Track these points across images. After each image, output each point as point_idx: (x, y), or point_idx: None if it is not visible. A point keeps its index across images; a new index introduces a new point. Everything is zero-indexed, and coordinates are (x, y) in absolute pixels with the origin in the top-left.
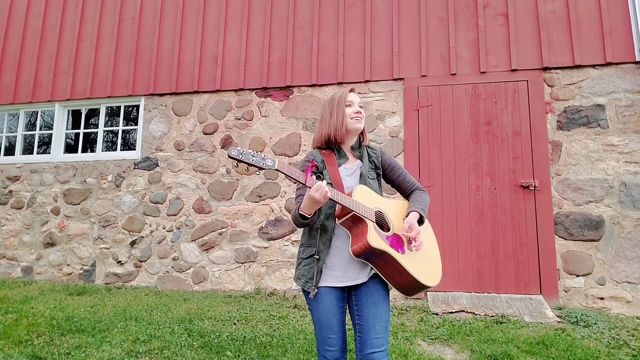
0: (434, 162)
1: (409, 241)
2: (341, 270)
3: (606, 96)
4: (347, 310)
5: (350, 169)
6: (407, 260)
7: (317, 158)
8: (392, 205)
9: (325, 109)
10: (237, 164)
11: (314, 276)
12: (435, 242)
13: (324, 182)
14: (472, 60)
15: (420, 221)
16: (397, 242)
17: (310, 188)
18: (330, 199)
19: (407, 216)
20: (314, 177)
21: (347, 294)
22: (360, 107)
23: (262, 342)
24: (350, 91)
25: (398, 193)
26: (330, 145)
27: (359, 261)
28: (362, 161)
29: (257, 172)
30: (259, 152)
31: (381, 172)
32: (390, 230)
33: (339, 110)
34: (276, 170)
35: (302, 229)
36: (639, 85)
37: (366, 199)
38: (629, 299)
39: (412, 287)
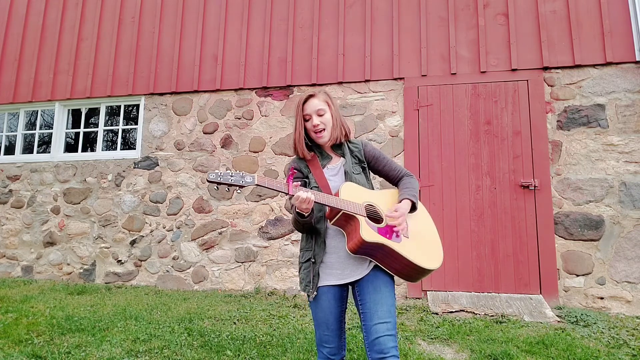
0: (434, 161)
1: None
2: (340, 268)
3: (606, 96)
4: (355, 306)
5: (334, 168)
6: (405, 248)
7: (301, 164)
8: (384, 196)
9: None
10: (217, 187)
11: (311, 280)
12: (433, 225)
13: (307, 189)
14: (472, 60)
15: (413, 208)
16: (392, 231)
17: (293, 196)
18: (316, 202)
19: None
20: (298, 183)
21: (352, 289)
22: (320, 114)
23: (262, 341)
24: (306, 100)
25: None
26: (303, 156)
27: (357, 256)
28: (345, 158)
29: (238, 191)
30: (239, 171)
31: (366, 165)
32: (384, 222)
33: (298, 125)
34: (257, 185)
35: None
36: (639, 85)
37: (354, 195)
38: (629, 299)
39: (414, 272)
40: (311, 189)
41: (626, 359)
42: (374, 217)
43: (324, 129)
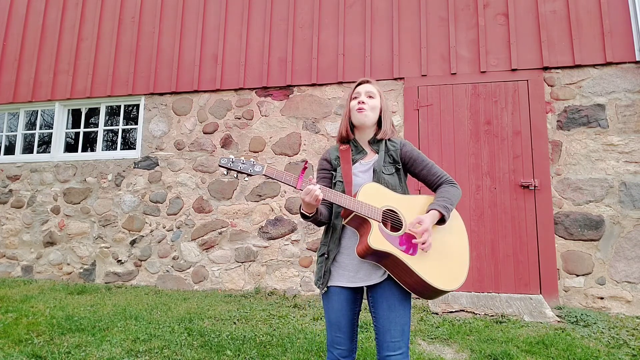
0: (434, 161)
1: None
2: (352, 270)
3: (606, 96)
4: (369, 311)
5: (366, 164)
6: (418, 262)
7: (333, 155)
8: (413, 203)
9: None
10: (226, 172)
11: (322, 275)
12: (464, 242)
13: (317, 185)
14: (472, 60)
15: (442, 220)
16: (409, 243)
17: (301, 191)
18: (324, 199)
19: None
20: (309, 178)
21: (366, 292)
22: (370, 96)
23: (262, 341)
24: (361, 83)
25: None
26: (345, 140)
27: (370, 262)
28: (378, 155)
29: (246, 179)
30: (251, 159)
31: (401, 167)
32: (402, 230)
33: (347, 105)
34: (265, 175)
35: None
36: (639, 85)
37: (375, 197)
38: (629, 299)
39: (426, 290)
40: (335, 183)
41: (626, 359)
42: (394, 223)
43: (367, 110)
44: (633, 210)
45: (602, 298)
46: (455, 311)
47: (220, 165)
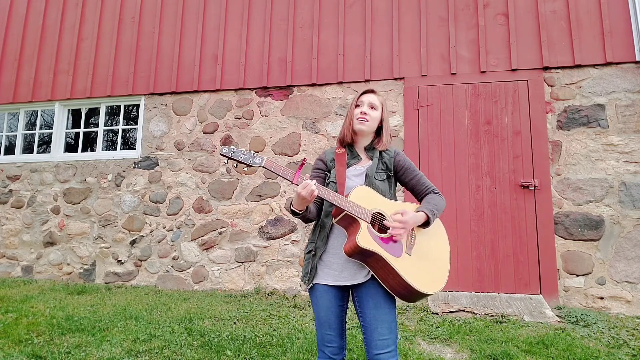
0: (434, 161)
1: (408, 239)
2: (338, 269)
3: (606, 96)
4: (355, 311)
5: (359, 169)
6: (402, 264)
7: (329, 156)
8: (399, 208)
9: None
10: (227, 161)
11: (309, 272)
12: (446, 248)
13: (313, 180)
14: (472, 60)
15: (427, 223)
16: (394, 244)
17: (297, 185)
18: (318, 196)
19: None
20: (306, 175)
21: (352, 292)
22: (372, 107)
23: (262, 341)
24: (366, 92)
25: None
26: (344, 144)
27: (356, 261)
28: (372, 162)
29: (245, 169)
30: (251, 151)
31: (392, 174)
32: (389, 232)
33: (350, 111)
34: (263, 167)
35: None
36: (639, 85)
37: (366, 200)
38: (629, 299)
39: (407, 292)
40: (328, 183)
41: (626, 359)
42: (381, 225)
43: (368, 121)
44: (633, 210)
45: (602, 298)
46: (455, 311)
47: (221, 154)
